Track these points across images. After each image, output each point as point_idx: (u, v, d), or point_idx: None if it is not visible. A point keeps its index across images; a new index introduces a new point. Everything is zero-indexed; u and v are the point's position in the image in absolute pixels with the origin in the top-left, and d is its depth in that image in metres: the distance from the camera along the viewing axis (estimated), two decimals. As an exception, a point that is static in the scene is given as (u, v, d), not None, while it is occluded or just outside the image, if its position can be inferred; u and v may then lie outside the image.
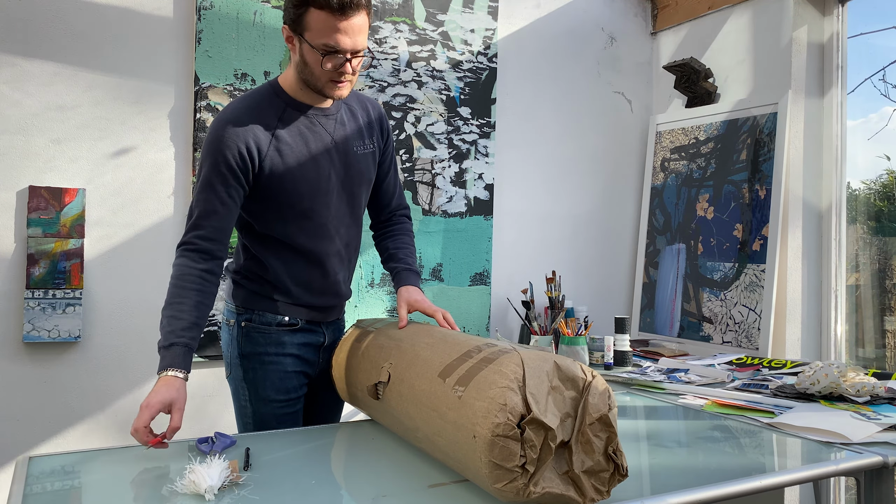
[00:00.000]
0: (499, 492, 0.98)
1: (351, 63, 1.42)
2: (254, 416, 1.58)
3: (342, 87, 1.46)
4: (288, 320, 1.57)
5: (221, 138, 1.43)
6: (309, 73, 1.44)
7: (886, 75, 2.49)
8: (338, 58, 1.41)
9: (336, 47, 1.39)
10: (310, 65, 1.42)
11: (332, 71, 1.42)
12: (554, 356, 1.05)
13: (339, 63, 1.41)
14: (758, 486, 1.18)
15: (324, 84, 1.44)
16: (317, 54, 1.40)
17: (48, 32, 2.06)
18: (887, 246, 2.57)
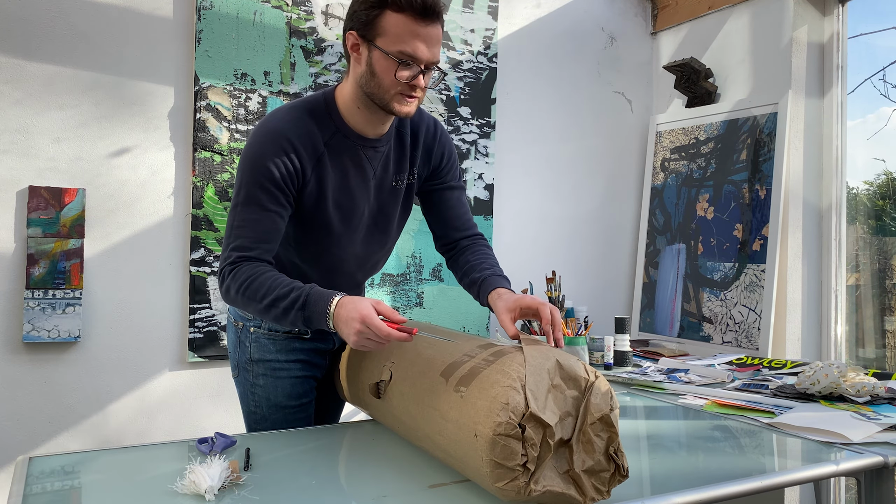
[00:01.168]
0: (500, 491, 0.98)
1: (423, 78, 1.30)
2: (266, 422, 1.55)
3: (411, 104, 1.32)
4: (297, 331, 1.53)
5: (267, 150, 1.30)
6: (376, 86, 1.30)
7: (886, 75, 2.49)
8: (413, 68, 1.27)
9: (414, 55, 1.26)
10: (379, 74, 1.28)
11: (405, 83, 1.28)
12: (557, 354, 1.05)
13: (413, 74, 1.28)
14: (758, 486, 1.18)
15: (391, 98, 1.30)
16: (391, 62, 1.26)
17: (48, 32, 2.06)
18: (887, 246, 2.57)
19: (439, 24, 1.28)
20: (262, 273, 1.28)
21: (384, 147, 1.43)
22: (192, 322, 2.24)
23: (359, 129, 1.39)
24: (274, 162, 1.30)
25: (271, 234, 1.33)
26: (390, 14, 1.25)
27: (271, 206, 1.31)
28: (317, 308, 1.22)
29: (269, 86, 2.34)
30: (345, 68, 2.47)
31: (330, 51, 2.44)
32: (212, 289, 2.26)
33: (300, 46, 2.39)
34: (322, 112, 1.37)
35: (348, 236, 1.44)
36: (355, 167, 1.40)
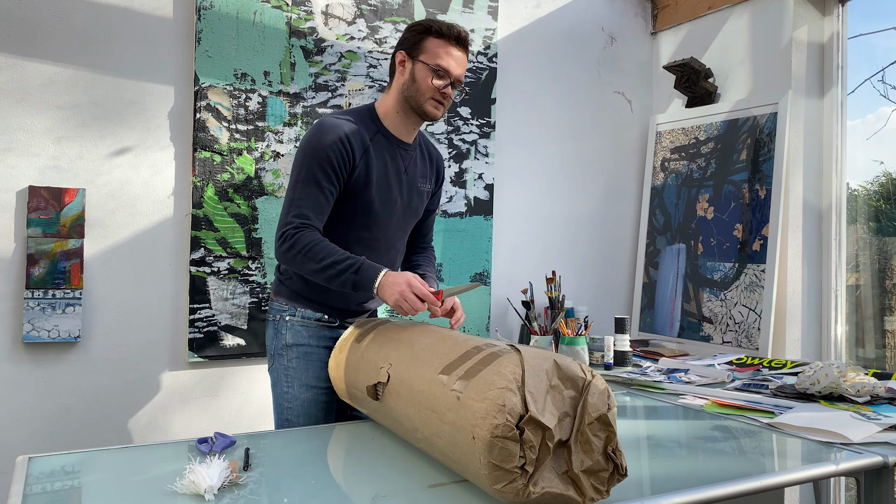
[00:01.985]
0: (498, 493, 0.98)
1: (450, 89, 1.68)
2: (296, 401, 1.72)
3: (440, 109, 1.69)
4: (328, 318, 1.75)
5: (326, 138, 1.61)
6: (416, 90, 1.66)
7: (886, 76, 2.49)
8: (445, 79, 1.66)
9: (447, 69, 1.65)
10: (419, 81, 1.66)
11: (437, 90, 1.65)
12: (554, 355, 1.05)
13: (444, 84, 1.66)
14: (758, 486, 1.18)
15: (426, 101, 1.66)
16: (429, 72, 1.64)
17: (48, 32, 2.06)
18: (887, 246, 2.57)
19: (467, 53, 1.70)
20: (323, 241, 1.58)
21: (413, 152, 1.78)
22: (192, 322, 2.24)
23: (395, 132, 1.73)
24: (331, 148, 1.61)
25: (324, 208, 1.63)
26: (432, 38, 1.66)
27: (325, 184, 1.61)
28: (368, 274, 1.53)
29: (269, 86, 2.35)
30: (346, 68, 2.47)
31: (330, 51, 2.44)
32: (212, 289, 2.27)
33: (300, 46, 2.39)
34: (366, 117, 1.72)
35: (384, 219, 1.73)
36: (392, 161, 1.72)
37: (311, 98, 2.42)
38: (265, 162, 2.34)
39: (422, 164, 1.81)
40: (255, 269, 2.33)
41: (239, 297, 2.30)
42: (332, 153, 1.61)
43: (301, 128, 2.40)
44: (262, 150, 2.34)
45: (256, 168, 2.33)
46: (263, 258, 2.34)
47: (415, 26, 1.68)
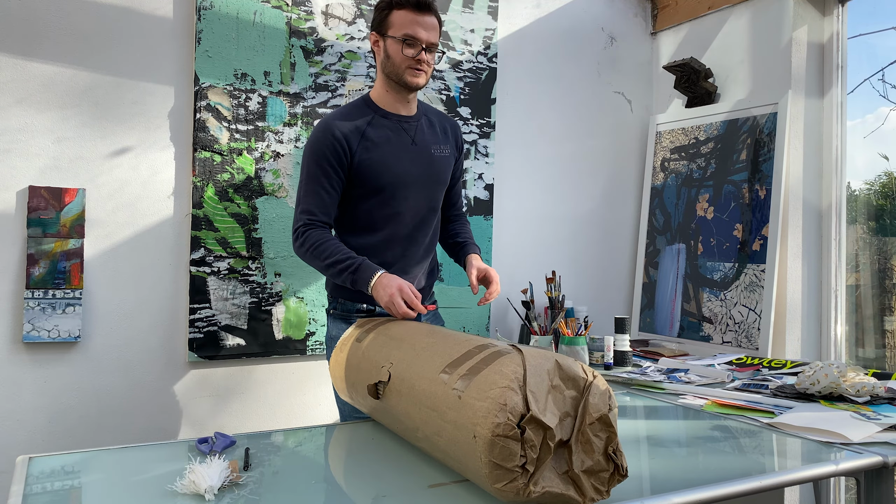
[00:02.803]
0: (499, 492, 0.98)
1: (425, 54, 1.71)
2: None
3: (419, 76, 1.73)
4: (366, 307, 1.82)
5: (320, 138, 1.72)
6: (392, 65, 1.72)
7: (886, 76, 2.49)
8: (416, 46, 1.70)
9: (415, 36, 1.69)
10: (392, 56, 1.72)
11: (411, 59, 1.70)
12: (555, 355, 1.05)
13: (416, 51, 1.70)
14: (758, 486, 1.18)
15: (404, 71, 1.71)
16: (398, 44, 1.69)
17: (48, 32, 2.06)
18: (887, 246, 2.57)
19: (432, 15, 1.72)
20: (328, 239, 1.69)
21: (416, 122, 1.84)
22: (192, 322, 2.24)
23: (392, 109, 1.80)
24: (325, 145, 1.71)
25: (328, 204, 1.73)
26: (396, 11, 1.71)
27: (325, 181, 1.71)
28: (364, 275, 1.61)
29: (269, 86, 2.35)
30: (346, 68, 2.47)
31: (330, 51, 2.44)
32: (212, 289, 2.27)
33: (300, 46, 2.39)
34: (361, 105, 1.80)
35: (402, 191, 1.77)
36: (395, 133, 1.79)
37: (311, 98, 2.42)
38: (265, 162, 2.34)
39: (430, 132, 1.86)
40: (255, 269, 2.33)
41: (239, 297, 2.30)
42: (327, 150, 1.71)
43: (301, 128, 2.40)
44: (262, 150, 2.34)
45: (256, 168, 2.33)
46: (263, 258, 2.34)
47: (379, 4, 1.74)
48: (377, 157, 1.74)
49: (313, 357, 2.45)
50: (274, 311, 2.36)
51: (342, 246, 1.68)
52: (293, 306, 2.39)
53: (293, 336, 2.40)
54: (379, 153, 1.74)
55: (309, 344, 2.42)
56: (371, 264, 1.63)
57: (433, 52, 1.74)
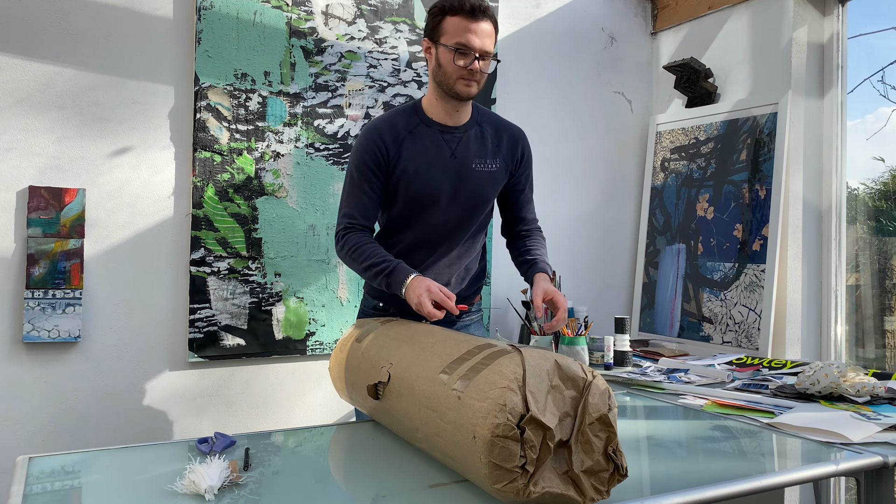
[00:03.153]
0: (499, 492, 0.98)
1: (479, 63, 1.64)
2: None
3: (471, 86, 1.66)
4: (382, 305, 1.82)
5: (363, 143, 1.72)
6: (442, 74, 1.66)
7: (886, 76, 2.49)
8: (468, 55, 1.63)
9: (467, 45, 1.62)
10: (443, 65, 1.65)
11: (463, 68, 1.63)
12: (555, 355, 1.05)
13: (468, 60, 1.63)
14: (758, 486, 1.18)
15: (455, 81, 1.65)
16: (450, 53, 1.62)
17: (48, 32, 2.06)
18: (887, 246, 2.57)
19: (488, 20, 1.65)
20: (366, 243, 1.69)
21: (462, 134, 1.77)
22: (192, 322, 2.24)
23: (439, 119, 1.75)
24: (365, 150, 1.71)
25: (368, 207, 1.73)
26: (449, 17, 1.64)
27: (365, 184, 1.71)
28: (398, 278, 1.60)
29: (269, 86, 2.35)
30: (346, 68, 2.47)
31: (330, 51, 2.44)
32: (212, 289, 2.27)
33: (300, 46, 2.39)
34: (409, 111, 1.77)
35: (432, 204, 1.75)
36: (434, 146, 1.74)
37: (311, 98, 2.42)
38: (265, 162, 2.34)
39: (478, 144, 1.78)
40: (255, 269, 2.33)
41: (239, 297, 2.30)
42: (367, 155, 1.70)
43: (301, 128, 2.40)
44: (262, 150, 2.34)
45: (256, 168, 2.33)
46: (263, 258, 2.34)
47: (431, 9, 1.67)
48: (411, 167, 1.71)
49: (313, 357, 2.45)
50: (274, 311, 2.36)
51: (379, 249, 1.68)
52: (293, 306, 2.39)
53: (293, 336, 2.40)
54: (413, 164, 1.71)
55: (309, 344, 2.42)
56: (405, 268, 1.62)
57: (487, 59, 1.67)
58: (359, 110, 2.50)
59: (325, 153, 2.45)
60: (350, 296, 2.50)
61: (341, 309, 2.48)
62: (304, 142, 2.40)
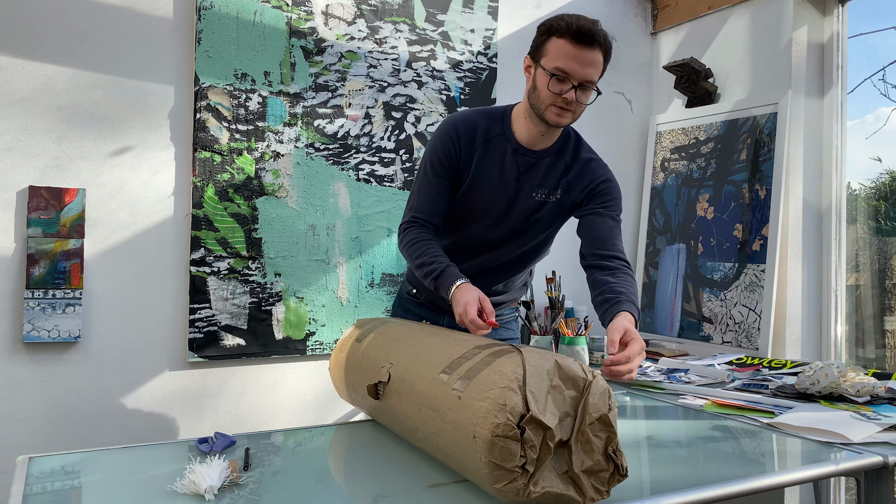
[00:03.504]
0: (499, 492, 0.98)
1: (576, 92, 1.51)
2: None
3: (563, 116, 1.54)
4: (415, 292, 1.83)
5: (441, 135, 1.65)
6: (536, 97, 1.55)
7: (886, 75, 2.49)
8: (565, 83, 1.50)
9: (566, 71, 1.49)
10: (538, 88, 1.54)
11: (557, 95, 1.51)
12: (555, 355, 1.05)
13: (565, 88, 1.50)
14: (758, 486, 1.18)
15: (546, 108, 1.54)
16: (547, 77, 1.50)
17: (48, 32, 2.06)
18: (887, 246, 2.57)
19: (596, 49, 1.50)
20: (422, 239, 1.63)
21: (536, 160, 1.66)
22: (192, 322, 2.24)
23: (521, 138, 1.65)
24: (440, 141, 1.65)
25: (436, 201, 1.66)
26: (554, 39, 1.51)
27: (434, 177, 1.65)
28: (445, 283, 1.55)
29: (269, 86, 2.35)
30: (346, 68, 2.47)
31: (330, 51, 2.44)
32: (212, 289, 2.27)
33: (300, 46, 2.39)
34: (498, 116, 1.68)
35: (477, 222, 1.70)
36: (504, 165, 1.65)
37: (312, 98, 2.42)
38: (265, 162, 2.34)
39: (546, 174, 1.67)
40: (255, 269, 2.33)
41: (239, 297, 2.30)
42: (440, 147, 1.64)
43: (301, 128, 2.40)
44: (262, 150, 2.34)
45: (256, 168, 2.33)
46: (263, 258, 2.34)
47: (539, 27, 1.55)
48: (473, 179, 1.65)
49: (313, 357, 2.45)
50: (274, 311, 2.36)
51: (434, 247, 1.62)
52: (293, 306, 2.39)
53: (293, 336, 2.40)
54: (477, 177, 1.65)
55: (309, 344, 2.42)
56: (453, 273, 1.55)
57: (588, 90, 1.53)
58: (359, 110, 2.50)
59: (325, 153, 2.45)
60: (350, 296, 2.50)
61: (341, 309, 2.48)
62: (304, 142, 2.40)
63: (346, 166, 2.48)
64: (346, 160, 2.48)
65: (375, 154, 2.54)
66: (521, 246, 1.76)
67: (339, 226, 2.47)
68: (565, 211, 1.74)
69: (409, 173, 2.60)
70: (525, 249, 1.78)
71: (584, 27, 1.48)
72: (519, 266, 1.81)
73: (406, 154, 2.59)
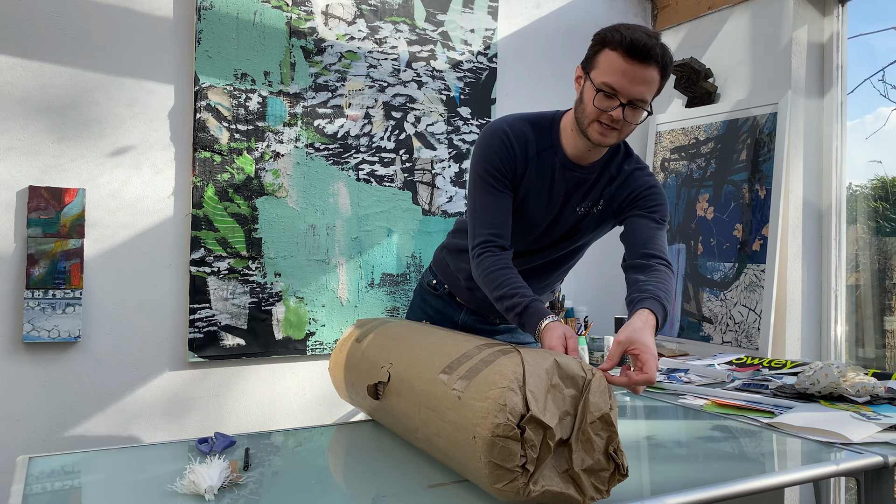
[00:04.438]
0: (499, 492, 0.98)
1: (624, 111, 1.40)
2: None
3: (607, 134, 1.43)
4: (434, 283, 1.79)
5: (494, 144, 1.52)
6: (581, 111, 1.45)
7: (886, 75, 2.49)
8: (612, 100, 1.39)
9: (614, 87, 1.38)
10: (584, 101, 1.43)
11: (602, 112, 1.40)
12: (555, 354, 1.05)
13: (611, 105, 1.39)
14: (758, 486, 1.18)
15: (589, 124, 1.44)
16: (594, 91, 1.40)
17: (48, 32, 2.06)
18: (887, 246, 2.57)
19: (651, 66, 1.37)
20: (500, 268, 1.47)
21: (585, 176, 1.57)
22: (192, 322, 2.24)
23: (568, 151, 1.54)
24: (498, 154, 1.51)
25: (503, 216, 1.52)
26: (607, 51, 1.39)
27: (497, 190, 1.52)
28: (531, 321, 1.38)
29: (269, 86, 2.35)
30: (346, 68, 2.47)
31: (330, 51, 2.44)
32: (212, 289, 2.27)
33: (300, 46, 2.39)
34: (545, 127, 1.56)
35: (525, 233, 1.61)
36: (553, 181, 1.55)
37: (311, 98, 2.42)
38: (265, 162, 2.34)
39: (593, 187, 1.59)
40: (255, 269, 2.33)
41: (239, 297, 2.31)
42: (498, 156, 1.51)
43: (301, 128, 2.40)
44: (262, 150, 2.34)
45: (256, 168, 2.33)
46: (263, 258, 2.34)
47: (594, 36, 1.44)
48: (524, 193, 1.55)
49: (313, 357, 2.45)
50: (274, 311, 2.36)
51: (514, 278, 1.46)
52: (293, 306, 2.39)
53: (293, 336, 2.40)
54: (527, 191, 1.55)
55: (309, 344, 2.42)
56: (538, 309, 1.39)
57: (638, 109, 1.41)
58: (359, 110, 2.50)
59: (325, 153, 2.45)
60: (350, 296, 2.50)
61: (341, 309, 2.48)
62: (304, 142, 2.40)
63: (346, 166, 2.48)
64: (346, 160, 2.48)
65: (375, 154, 2.54)
66: (557, 253, 1.68)
67: (339, 226, 2.47)
68: (607, 220, 1.66)
69: (408, 173, 2.60)
70: (560, 256, 1.70)
71: (638, 41, 1.36)
72: (553, 272, 1.75)
73: (406, 154, 2.59)
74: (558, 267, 1.74)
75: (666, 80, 1.42)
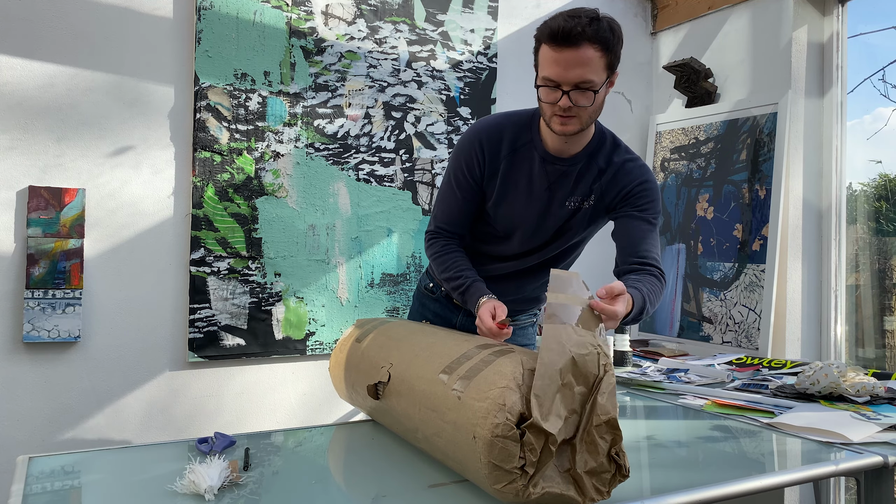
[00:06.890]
0: (498, 492, 0.98)
1: (571, 97, 1.39)
2: None
3: (568, 123, 1.44)
4: (431, 286, 1.79)
5: (463, 146, 1.58)
6: (541, 109, 1.49)
7: (886, 75, 2.49)
8: (556, 91, 1.41)
9: (551, 78, 1.40)
10: (540, 99, 1.47)
11: (552, 104, 1.42)
12: (574, 352, 1.01)
13: (557, 96, 1.41)
14: (758, 486, 1.18)
15: (549, 118, 1.46)
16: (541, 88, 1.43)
17: (48, 32, 2.06)
18: (887, 246, 2.57)
19: (582, 46, 1.40)
20: (447, 252, 1.60)
21: (566, 168, 1.56)
22: (192, 322, 2.24)
23: (548, 143, 1.56)
24: (464, 152, 1.57)
25: (458, 213, 1.60)
26: (542, 47, 1.45)
27: (458, 191, 1.59)
28: (472, 299, 1.52)
29: (269, 86, 2.35)
30: (346, 68, 2.47)
31: (330, 51, 2.44)
32: (211, 289, 2.27)
33: (300, 46, 2.39)
34: (524, 123, 1.59)
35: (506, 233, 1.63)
36: (533, 176, 1.56)
37: (311, 98, 2.42)
38: (265, 162, 2.34)
39: (578, 182, 1.57)
40: (255, 269, 2.33)
41: (239, 297, 2.31)
42: (463, 159, 1.56)
43: (301, 128, 2.40)
44: (262, 150, 2.34)
45: (256, 168, 2.33)
46: (263, 258, 2.34)
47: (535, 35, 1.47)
48: (501, 191, 1.57)
49: (313, 357, 2.45)
50: (274, 311, 2.36)
51: (460, 260, 1.58)
52: (293, 306, 2.39)
53: (293, 336, 2.40)
54: (505, 189, 1.56)
55: (309, 344, 2.42)
56: (479, 289, 1.51)
57: (585, 91, 1.41)
58: (359, 110, 2.50)
59: (325, 153, 2.45)
60: (350, 296, 2.50)
61: (341, 309, 2.48)
62: (303, 142, 2.40)
63: (345, 166, 2.48)
64: (346, 160, 2.48)
65: (375, 154, 2.54)
66: (553, 251, 1.67)
67: (338, 226, 2.48)
68: (600, 215, 1.63)
69: (408, 173, 2.60)
70: (556, 255, 1.69)
71: (558, 27, 1.37)
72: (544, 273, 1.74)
73: (406, 154, 2.59)
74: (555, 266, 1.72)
75: (612, 48, 1.46)
